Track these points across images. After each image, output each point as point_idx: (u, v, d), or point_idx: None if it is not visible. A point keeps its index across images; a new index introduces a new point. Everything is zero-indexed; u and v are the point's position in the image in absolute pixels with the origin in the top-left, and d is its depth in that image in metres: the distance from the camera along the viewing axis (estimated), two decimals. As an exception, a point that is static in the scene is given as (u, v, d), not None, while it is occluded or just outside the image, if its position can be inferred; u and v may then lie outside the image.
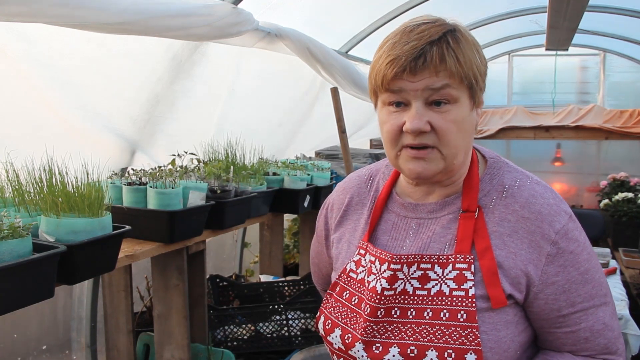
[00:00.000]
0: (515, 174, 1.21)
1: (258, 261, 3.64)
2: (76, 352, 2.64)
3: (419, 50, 1.07)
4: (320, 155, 4.16)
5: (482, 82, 1.13)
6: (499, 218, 1.15)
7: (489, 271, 1.11)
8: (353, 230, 1.34)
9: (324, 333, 1.27)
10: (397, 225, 1.26)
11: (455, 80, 1.08)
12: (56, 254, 1.40)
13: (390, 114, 1.14)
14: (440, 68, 1.06)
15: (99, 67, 2.15)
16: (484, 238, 1.13)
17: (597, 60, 7.52)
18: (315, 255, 1.54)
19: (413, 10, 4.14)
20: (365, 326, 1.16)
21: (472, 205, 1.16)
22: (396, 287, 1.16)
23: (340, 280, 1.29)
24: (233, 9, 2.17)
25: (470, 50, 1.10)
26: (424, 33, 1.09)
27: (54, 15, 1.53)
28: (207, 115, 2.92)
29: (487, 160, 1.24)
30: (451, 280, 1.13)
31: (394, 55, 1.09)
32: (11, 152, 1.55)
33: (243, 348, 2.75)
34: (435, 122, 1.09)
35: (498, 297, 1.10)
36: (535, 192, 1.16)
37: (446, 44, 1.08)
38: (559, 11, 3.60)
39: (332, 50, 3.12)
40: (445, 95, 1.08)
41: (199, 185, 2.07)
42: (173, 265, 2.13)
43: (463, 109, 1.11)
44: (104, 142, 2.33)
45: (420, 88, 1.08)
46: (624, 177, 6.10)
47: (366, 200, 1.35)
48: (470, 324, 1.08)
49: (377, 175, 1.37)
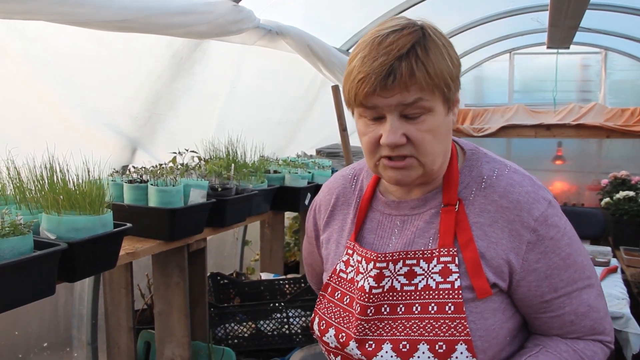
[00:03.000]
0: (493, 164, 1.22)
1: (259, 259, 3.64)
2: (77, 349, 2.64)
3: (388, 67, 1.06)
4: (321, 153, 4.16)
5: (455, 85, 1.13)
6: (479, 209, 1.16)
7: (472, 262, 1.13)
8: (340, 230, 1.35)
9: (319, 334, 1.29)
10: (382, 224, 1.28)
11: (426, 93, 1.08)
12: (57, 251, 1.40)
13: (368, 126, 1.15)
14: (410, 83, 1.06)
15: (99, 64, 2.15)
16: (466, 230, 1.15)
17: (599, 59, 7.50)
18: (307, 255, 1.56)
19: (413, 9, 4.14)
20: (357, 325, 1.18)
21: (452, 199, 1.18)
22: (384, 284, 1.18)
23: (332, 281, 1.31)
24: (234, 6, 2.17)
25: (440, 58, 1.09)
26: (392, 46, 1.07)
27: (55, 12, 1.53)
28: (207, 113, 2.92)
29: (466, 152, 1.26)
30: (437, 274, 1.15)
31: (364, 72, 1.09)
32: (12, 150, 1.55)
33: (244, 346, 2.76)
34: (411, 133, 1.10)
35: (482, 287, 1.12)
36: (513, 181, 1.17)
37: (415, 57, 1.06)
38: (560, 9, 3.60)
39: (333, 48, 3.12)
40: (418, 108, 1.09)
41: (200, 183, 2.07)
42: (174, 263, 2.14)
43: (437, 117, 1.11)
44: (104, 139, 2.33)
45: (393, 104, 1.09)
46: (625, 176, 6.09)
47: (351, 199, 1.36)
48: (458, 315, 1.10)
49: (361, 174, 1.39)
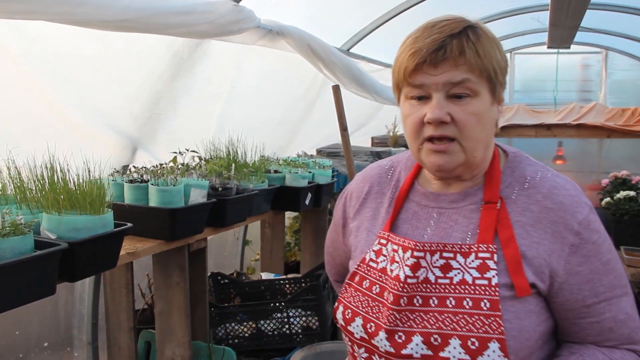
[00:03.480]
0: (536, 166, 1.23)
1: (259, 259, 3.64)
2: (77, 349, 2.64)
3: (440, 42, 1.10)
4: (321, 153, 4.16)
5: (502, 78, 1.16)
6: (521, 208, 1.16)
7: (513, 260, 1.12)
8: (372, 219, 1.34)
9: (343, 323, 1.26)
10: (417, 214, 1.27)
11: (474, 74, 1.11)
12: (58, 251, 1.40)
13: (413, 107, 1.16)
14: (460, 61, 1.10)
15: (100, 64, 2.15)
16: (507, 228, 1.15)
17: (599, 58, 7.51)
18: (330, 243, 1.54)
19: (414, 8, 4.14)
20: (388, 315, 1.16)
21: (494, 196, 1.18)
22: (419, 275, 1.17)
23: (360, 269, 1.29)
24: (234, 6, 2.17)
25: (490, 45, 1.13)
26: (445, 27, 1.13)
27: (55, 12, 1.53)
28: (208, 112, 2.92)
29: (508, 154, 1.26)
30: (474, 269, 1.14)
31: (415, 48, 1.12)
32: (13, 150, 1.55)
33: (244, 345, 2.76)
34: (456, 114, 1.12)
35: (522, 285, 1.11)
36: (557, 184, 1.18)
37: (466, 37, 1.11)
38: (561, 9, 3.60)
39: (334, 48, 3.12)
40: (465, 89, 1.11)
41: (201, 183, 2.07)
42: (174, 263, 2.14)
43: (483, 103, 1.13)
44: (105, 139, 2.33)
45: (440, 82, 1.11)
46: (625, 176, 6.08)
47: (386, 189, 1.36)
48: (493, 312, 1.09)
49: (399, 166, 1.39)
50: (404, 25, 4.41)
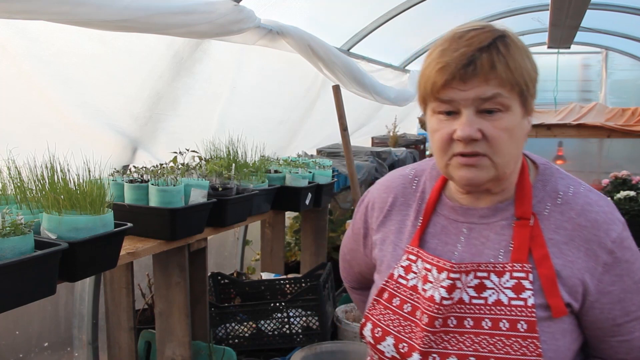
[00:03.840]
0: (567, 180, 1.20)
1: (259, 259, 3.64)
2: (77, 349, 2.64)
3: (469, 57, 1.05)
4: (321, 153, 4.16)
5: (533, 89, 1.11)
6: (554, 225, 1.14)
7: (548, 280, 1.10)
8: (398, 232, 1.30)
9: (372, 341, 1.23)
10: (446, 229, 1.23)
11: (506, 88, 1.06)
12: (58, 251, 1.40)
13: (441, 122, 1.12)
14: (490, 76, 1.05)
15: (100, 64, 2.15)
16: (541, 246, 1.12)
17: (599, 58, 7.51)
18: (347, 252, 1.51)
19: (413, 9, 4.14)
20: (422, 336, 1.14)
21: (526, 212, 1.15)
22: (454, 296, 1.14)
23: (388, 286, 1.25)
24: (235, 6, 2.17)
25: (520, 57, 1.08)
26: (474, 39, 1.07)
27: (56, 12, 1.53)
28: (208, 112, 2.92)
29: (539, 167, 1.23)
30: (509, 289, 1.11)
31: (443, 62, 1.07)
32: (13, 150, 1.55)
33: (244, 345, 2.76)
34: (487, 130, 1.07)
35: (558, 306, 1.09)
36: (591, 200, 1.15)
37: (496, 50, 1.06)
38: (561, 9, 3.60)
39: (334, 48, 3.12)
40: (496, 104, 1.07)
41: (201, 183, 2.07)
42: (174, 263, 2.14)
43: (514, 117, 1.09)
44: (105, 139, 2.33)
45: (470, 97, 1.07)
46: (625, 176, 6.08)
47: (412, 201, 1.31)
48: (531, 334, 1.07)
49: (423, 175, 1.33)
50: (404, 25, 4.42)
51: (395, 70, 5.12)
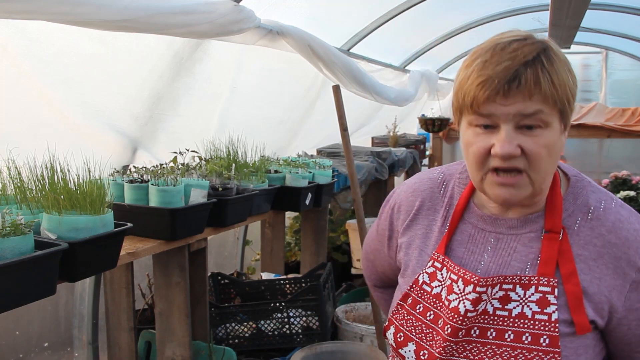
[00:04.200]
0: (599, 194, 1.18)
1: (259, 259, 3.64)
2: (77, 349, 2.64)
3: (513, 72, 1.02)
4: (321, 153, 4.16)
5: (573, 104, 1.09)
6: (584, 241, 1.12)
7: (574, 296, 1.09)
8: (424, 237, 1.29)
9: (394, 345, 1.24)
10: (474, 238, 1.22)
11: (548, 105, 1.04)
12: (58, 251, 1.40)
13: (477, 136, 1.09)
14: (534, 92, 1.02)
15: (100, 64, 2.14)
16: (569, 262, 1.11)
17: (599, 59, 7.50)
18: (371, 251, 1.50)
19: (414, 9, 4.13)
20: (444, 346, 1.14)
21: (556, 226, 1.13)
22: (479, 308, 1.14)
23: (413, 292, 1.25)
24: (235, 6, 2.17)
25: (563, 71, 1.05)
26: (517, 52, 1.04)
27: (55, 12, 1.53)
28: (208, 112, 2.92)
29: (570, 179, 1.21)
30: (534, 303, 1.10)
31: (485, 76, 1.04)
32: (13, 150, 1.55)
33: (244, 345, 2.76)
34: (527, 146, 1.05)
35: (583, 323, 1.08)
36: (622, 217, 1.14)
37: (541, 65, 1.03)
38: (561, 9, 3.60)
39: (334, 48, 3.12)
40: (537, 120, 1.04)
41: (201, 183, 2.07)
42: (174, 263, 2.14)
43: (554, 133, 1.07)
44: (105, 139, 2.33)
45: (511, 112, 1.04)
46: (625, 176, 6.08)
47: (439, 206, 1.29)
48: (552, 349, 1.07)
49: (452, 180, 1.31)
50: (404, 25, 4.41)
51: (395, 70, 5.11)
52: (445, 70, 6.70)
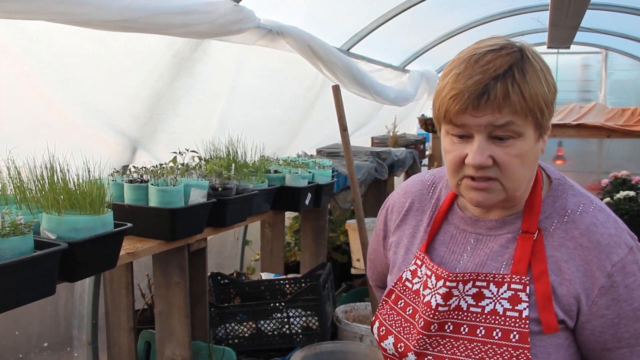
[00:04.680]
0: (579, 198, 1.19)
1: (259, 259, 3.64)
2: (77, 349, 2.64)
3: (483, 86, 1.05)
4: (321, 153, 4.16)
5: (549, 111, 1.11)
6: (557, 243, 1.14)
7: (543, 296, 1.11)
8: (411, 237, 1.34)
9: (377, 338, 1.29)
10: (455, 238, 1.26)
11: (519, 116, 1.06)
12: (57, 251, 1.40)
13: (454, 145, 1.14)
14: (503, 105, 1.05)
15: (100, 64, 2.15)
16: (541, 261, 1.13)
17: (599, 59, 7.51)
18: (372, 252, 1.55)
19: (413, 9, 4.13)
20: (418, 338, 1.18)
21: (532, 226, 1.16)
22: (450, 303, 1.17)
23: (396, 288, 1.30)
24: (234, 6, 2.17)
25: (537, 82, 1.07)
26: (489, 65, 1.06)
27: (55, 12, 1.53)
28: (208, 112, 2.92)
29: (552, 181, 1.22)
30: (506, 300, 1.13)
31: (457, 89, 1.08)
32: (12, 150, 1.55)
33: (244, 345, 2.76)
34: (498, 156, 1.08)
35: (550, 322, 1.10)
36: (597, 221, 1.14)
37: (511, 78, 1.05)
38: (561, 9, 3.60)
39: (334, 48, 3.12)
40: (508, 131, 1.07)
41: (201, 183, 2.07)
42: (174, 263, 2.14)
43: (527, 142, 1.09)
44: (105, 139, 2.33)
45: (483, 124, 1.07)
46: (625, 176, 6.08)
47: (427, 207, 1.34)
48: (522, 344, 1.09)
49: (440, 182, 1.36)
50: (404, 25, 4.42)
51: (395, 70, 5.11)
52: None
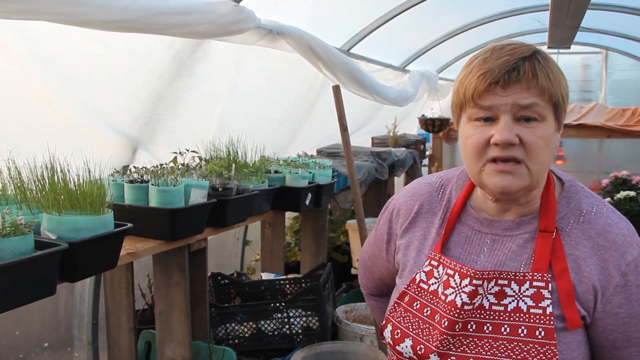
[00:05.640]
0: (592, 199, 1.22)
1: (259, 259, 3.64)
2: (77, 349, 2.64)
3: (512, 63, 1.10)
4: (321, 153, 4.16)
5: (565, 104, 1.16)
6: (575, 242, 1.17)
7: (566, 293, 1.13)
8: (422, 239, 1.33)
9: (391, 342, 1.27)
10: (470, 239, 1.26)
11: (544, 98, 1.11)
12: (58, 251, 1.40)
13: (476, 128, 1.15)
14: (532, 83, 1.10)
15: (100, 64, 2.15)
16: (561, 259, 1.15)
17: (599, 59, 7.50)
18: (369, 258, 1.53)
19: (414, 9, 4.13)
20: (441, 339, 1.17)
21: (549, 226, 1.18)
22: (475, 302, 1.18)
23: (410, 290, 1.29)
24: (235, 6, 2.17)
25: (558, 71, 1.15)
26: (516, 50, 1.12)
27: (56, 12, 1.53)
28: (208, 112, 2.92)
29: (564, 183, 1.26)
30: (528, 297, 1.14)
31: (486, 68, 1.12)
32: (13, 150, 1.55)
33: (244, 346, 2.76)
34: (525, 136, 1.11)
35: (574, 318, 1.12)
36: (612, 221, 1.18)
37: (537, 60, 1.12)
38: (561, 9, 3.60)
39: (334, 48, 3.12)
40: (533, 112, 1.11)
41: (201, 183, 2.07)
42: (174, 263, 2.14)
43: (549, 127, 1.14)
44: (105, 139, 2.33)
45: (509, 103, 1.10)
46: (625, 176, 6.08)
47: (437, 209, 1.34)
48: (548, 341, 1.10)
49: (449, 184, 1.36)
50: (404, 26, 4.41)
51: (395, 71, 5.11)
52: (445, 71, 6.70)
